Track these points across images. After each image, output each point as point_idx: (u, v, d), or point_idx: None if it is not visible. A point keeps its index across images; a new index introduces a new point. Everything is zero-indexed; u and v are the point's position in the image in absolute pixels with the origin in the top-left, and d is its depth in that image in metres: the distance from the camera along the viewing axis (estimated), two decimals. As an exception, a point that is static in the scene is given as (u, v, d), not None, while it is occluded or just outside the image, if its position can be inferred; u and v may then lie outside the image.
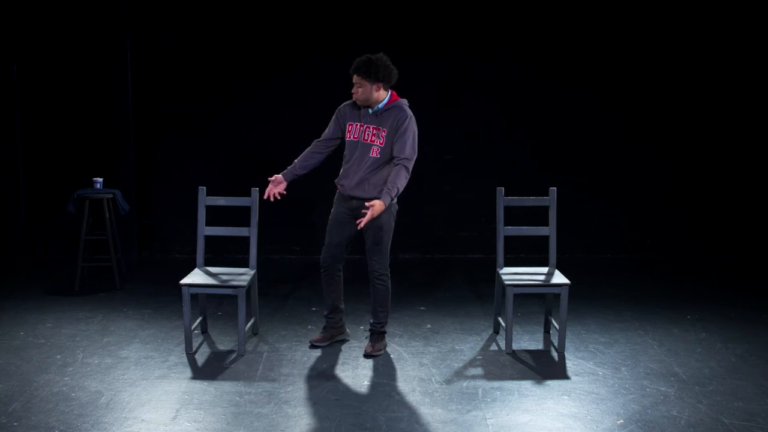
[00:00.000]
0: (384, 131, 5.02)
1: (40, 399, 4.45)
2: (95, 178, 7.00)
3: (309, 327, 5.82)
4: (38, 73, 7.87)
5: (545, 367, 5.07)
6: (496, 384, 4.74)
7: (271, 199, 5.18)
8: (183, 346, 5.29)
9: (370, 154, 5.04)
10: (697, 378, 4.85)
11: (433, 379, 4.82)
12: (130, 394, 4.55)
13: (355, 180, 5.09)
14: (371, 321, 5.30)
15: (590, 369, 5.00)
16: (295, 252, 8.15)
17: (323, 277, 5.33)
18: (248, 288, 5.32)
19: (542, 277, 5.41)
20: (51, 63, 7.86)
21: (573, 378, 4.85)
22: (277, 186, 5.18)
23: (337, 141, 5.27)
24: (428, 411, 4.36)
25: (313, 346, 5.36)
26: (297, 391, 4.62)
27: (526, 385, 4.74)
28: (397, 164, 5.01)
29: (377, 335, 5.29)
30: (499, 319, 5.61)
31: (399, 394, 4.59)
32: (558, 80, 7.99)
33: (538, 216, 5.89)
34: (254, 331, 5.63)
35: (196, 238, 5.55)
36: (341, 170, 5.21)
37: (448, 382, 4.79)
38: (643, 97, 8.05)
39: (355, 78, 5.02)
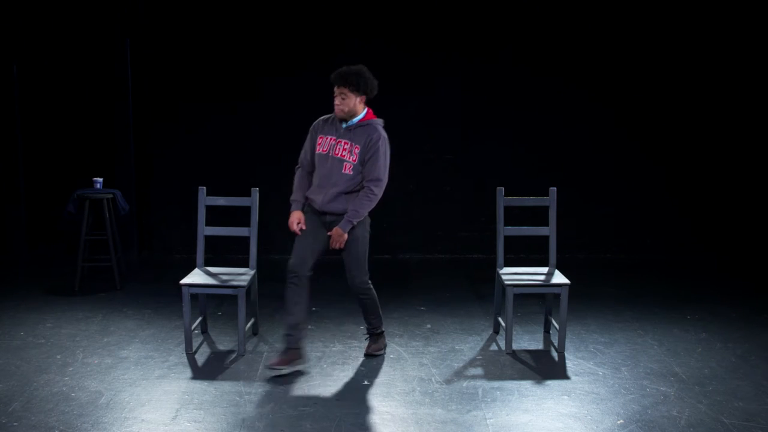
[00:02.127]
0: (357, 148, 4.86)
1: (40, 399, 4.45)
2: (95, 178, 7.00)
3: (309, 327, 5.82)
4: (38, 73, 7.87)
5: (545, 367, 5.07)
6: (496, 384, 4.74)
7: (299, 231, 5.03)
8: (183, 346, 5.30)
9: (343, 171, 4.86)
10: (697, 378, 4.85)
11: (433, 379, 4.82)
12: (130, 394, 4.55)
13: (328, 196, 4.90)
14: (366, 327, 5.29)
15: (590, 369, 5.00)
16: (295, 252, 8.13)
17: (288, 285, 4.92)
18: (248, 288, 5.32)
19: (542, 277, 5.40)
20: (51, 63, 7.86)
21: (573, 378, 4.85)
22: (301, 221, 5.03)
23: None
24: (428, 411, 4.36)
25: (269, 369, 4.84)
26: (297, 391, 4.62)
27: (526, 385, 4.74)
28: (365, 187, 4.88)
29: (376, 336, 5.28)
30: (499, 319, 5.61)
31: (399, 394, 4.59)
32: (558, 81, 7.99)
33: (538, 216, 5.89)
34: (254, 331, 5.63)
35: (196, 238, 5.55)
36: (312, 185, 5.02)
37: (448, 382, 4.79)
38: (644, 98, 8.05)
39: (339, 89, 4.85)
